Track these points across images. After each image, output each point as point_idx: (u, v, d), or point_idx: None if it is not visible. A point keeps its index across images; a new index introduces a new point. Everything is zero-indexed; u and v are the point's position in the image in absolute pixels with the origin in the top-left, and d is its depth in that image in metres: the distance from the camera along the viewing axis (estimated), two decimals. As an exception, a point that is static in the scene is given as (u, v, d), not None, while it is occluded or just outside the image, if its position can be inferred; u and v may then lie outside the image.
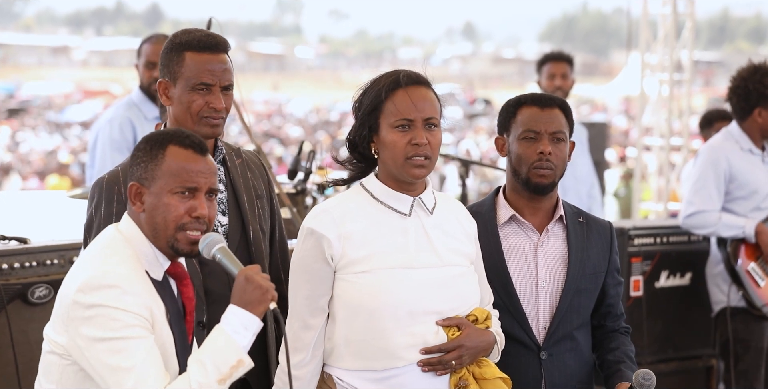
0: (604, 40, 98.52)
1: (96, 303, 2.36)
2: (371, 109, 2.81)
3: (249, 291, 2.43)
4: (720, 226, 4.85)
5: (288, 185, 4.89)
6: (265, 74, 63.11)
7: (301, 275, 2.84)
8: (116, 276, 2.40)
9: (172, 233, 2.48)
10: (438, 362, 2.79)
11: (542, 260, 3.15)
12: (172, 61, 3.00)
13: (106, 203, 2.96)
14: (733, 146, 4.95)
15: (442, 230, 2.88)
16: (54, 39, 79.59)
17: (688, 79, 8.76)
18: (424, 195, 2.87)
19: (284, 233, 3.28)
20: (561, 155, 3.15)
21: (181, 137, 2.52)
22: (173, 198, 2.48)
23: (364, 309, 2.77)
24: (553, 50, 6.44)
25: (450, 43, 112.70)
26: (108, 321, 2.36)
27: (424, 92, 2.82)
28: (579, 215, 3.24)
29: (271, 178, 3.31)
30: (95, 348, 2.36)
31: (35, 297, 3.96)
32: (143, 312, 2.40)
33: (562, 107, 3.17)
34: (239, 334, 2.41)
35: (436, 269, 2.83)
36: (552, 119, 3.13)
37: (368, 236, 2.80)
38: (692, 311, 5.28)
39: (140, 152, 2.53)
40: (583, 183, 6.25)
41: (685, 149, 8.75)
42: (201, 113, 2.98)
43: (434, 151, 2.81)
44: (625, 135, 23.48)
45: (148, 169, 2.50)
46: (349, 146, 2.90)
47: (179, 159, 2.49)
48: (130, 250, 2.48)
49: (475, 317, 2.87)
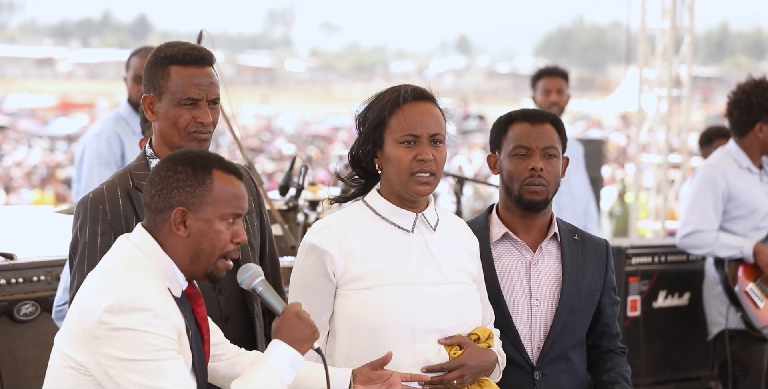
0: (601, 55, 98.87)
1: (126, 326, 2.34)
2: (376, 124, 2.81)
3: (299, 329, 2.47)
4: (717, 246, 4.80)
5: (279, 201, 4.84)
6: (255, 88, 63.16)
7: (302, 291, 2.82)
8: (148, 299, 2.37)
9: (215, 261, 2.48)
10: (440, 381, 2.77)
11: (536, 279, 3.13)
12: (157, 75, 2.95)
13: (90, 222, 2.91)
14: (731, 164, 4.90)
15: (444, 246, 2.87)
16: (39, 50, 79.42)
17: (686, 95, 8.72)
18: (427, 212, 2.86)
19: (275, 249, 3.25)
20: (553, 171, 3.12)
21: (222, 163, 2.51)
22: (223, 224, 2.47)
23: (367, 325, 2.76)
24: (548, 65, 6.42)
25: (443, 57, 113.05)
26: (139, 345, 2.34)
27: (430, 108, 2.82)
28: (574, 233, 3.23)
29: (260, 193, 3.27)
30: (122, 367, 2.34)
31: (21, 314, 3.93)
32: (173, 335, 2.39)
33: (553, 123, 3.14)
34: (287, 372, 2.46)
35: (439, 286, 2.81)
36: (543, 134, 3.11)
37: (371, 252, 2.79)
38: (691, 331, 5.24)
39: (179, 175, 2.47)
40: (579, 200, 6.22)
41: (683, 167, 8.71)
42: (188, 128, 2.93)
43: (439, 167, 2.80)
44: (622, 152, 23.50)
45: (196, 194, 2.46)
46: (352, 161, 2.89)
47: (227, 185, 2.48)
48: (153, 268, 2.45)
49: (477, 336, 2.86)
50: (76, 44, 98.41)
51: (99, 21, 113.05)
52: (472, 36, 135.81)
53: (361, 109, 2.85)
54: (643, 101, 8.82)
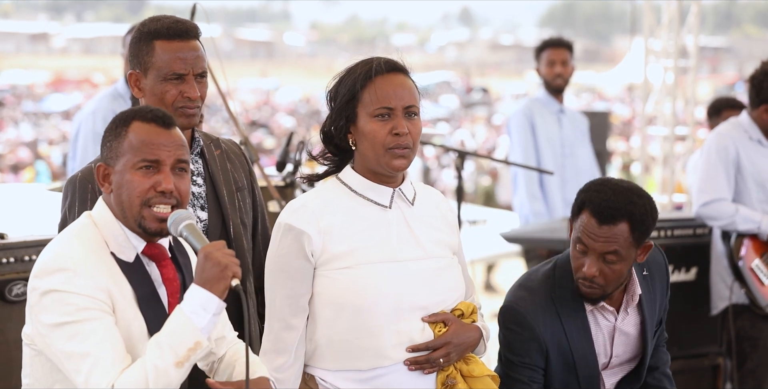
0: (606, 26, 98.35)
1: (50, 288, 2.35)
2: (348, 98, 2.74)
3: (207, 269, 2.35)
4: (738, 218, 4.73)
5: (277, 178, 4.76)
6: (253, 62, 62.90)
7: (280, 273, 2.76)
8: (66, 259, 2.37)
9: (138, 210, 2.44)
10: (425, 360, 2.73)
11: (619, 340, 3.14)
12: (141, 51, 2.92)
13: (80, 202, 2.88)
14: (742, 135, 4.84)
15: (423, 221, 2.82)
16: (32, 25, 79.08)
17: (693, 65, 8.60)
18: (404, 186, 2.81)
19: (267, 226, 3.21)
20: (612, 274, 3.00)
21: (144, 112, 2.47)
22: (137, 174, 2.43)
23: (348, 306, 2.69)
24: (552, 36, 6.33)
25: (446, 29, 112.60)
26: (62, 306, 2.33)
27: (403, 80, 2.75)
28: (642, 269, 3.16)
29: (252, 169, 3.23)
30: (54, 335, 2.34)
31: (13, 294, 3.86)
32: (98, 294, 2.36)
33: (630, 221, 2.96)
34: (197, 315, 2.34)
35: (420, 262, 2.76)
36: (609, 237, 2.96)
37: (349, 231, 2.73)
38: (698, 307, 5.16)
39: (107, 133, 2.50)
40: (584, 174, 6.14)
41: (690, 139, 8.62)
42: (175, 103, 2.89)
43: (415, 141, 2.74)
44: (627, 124, 23.39)
45: (112, 148, 2.47)
46: (324, 139, 2.81)
47: (141, 133, 2.45)
48: (94, 234, 2.45)
49: (461, 311, 2.81)
50: (71, 19, 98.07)
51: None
52: (475, 7, 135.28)
53: (332, 84, 2.79)
54: (649, 73, 8.70)
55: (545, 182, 6.12)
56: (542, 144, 6.13)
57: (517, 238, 5.97)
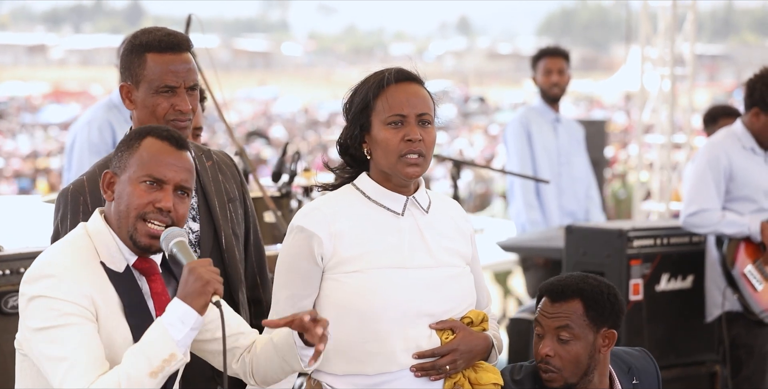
0: (603, 34, 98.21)
1: (36, 294, 2.40)
2: (362, 107, 2.76)
3: (190, 283, 2.39)
4: (723, 223, 4.73)
5: (272, 188, 4.76)
6: (251, 72, 62.87)
7: (286, 274, 2.76)
8: (52, 266, 2.43)
9: (133, 222, 2.48)
10: (431, 367, 2.71)
11: None
12: (133, 63, 2.92)
13: (72, 214, 2.88)
14: (735, 143, 4.83)
15: (436, 229, 2.81)
16: (30, 37, 79.11)
17: (690, 73, 8.60)
18: (418, 194, 2.80)
19: (260, 237, 3.22)
20: (567, 356, 2.95)
21: (161, 129, 2.55)
22: (139, 187, 2.49)
23: (355, 310, 2.69)
24: (549, 45, 6.33)
25: (443, 38, 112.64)
26: (45, 311, 2.39)
27: (416, 88, 2.77)
28: (632, 378, 3.10)
29: (244, 179, 3.24)
30: (35, 339, 2.40)
31: (9, 306, 3.83)
32: (81, 301, 2.40)
33: (582, 298, 2.95)
34: (174, 327, 2.38)
35: (429, 269, 2.76)
36: (560, 313, 2.95)
37: (360, 236, 2.73)
38: (694, 315, 5.15)
39: (121, 143, 2.56)
40: (580, 183, 6.14)
41: (687, 147, 8.60)
42: (167, 116, 2.89)
43: (428, 149, 2.74)
44: (625, 132, 23.40)
45: (122, 158, 2.53)
46: (341, 150, 2.83)
47: (152, 149, 2.51)
48: (86, 243, 2.50)
49: (471, 319, 2.79)
50: (69, 30, 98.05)
51: (91, 6, 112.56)
52: (473, 16, 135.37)
53: (348, 95, 2.82)
54: (646, 81, 8.70)
55: (542, 191, 6.12)
56: (538, 153, 6.14)
57: (513, 247, 5.98)
